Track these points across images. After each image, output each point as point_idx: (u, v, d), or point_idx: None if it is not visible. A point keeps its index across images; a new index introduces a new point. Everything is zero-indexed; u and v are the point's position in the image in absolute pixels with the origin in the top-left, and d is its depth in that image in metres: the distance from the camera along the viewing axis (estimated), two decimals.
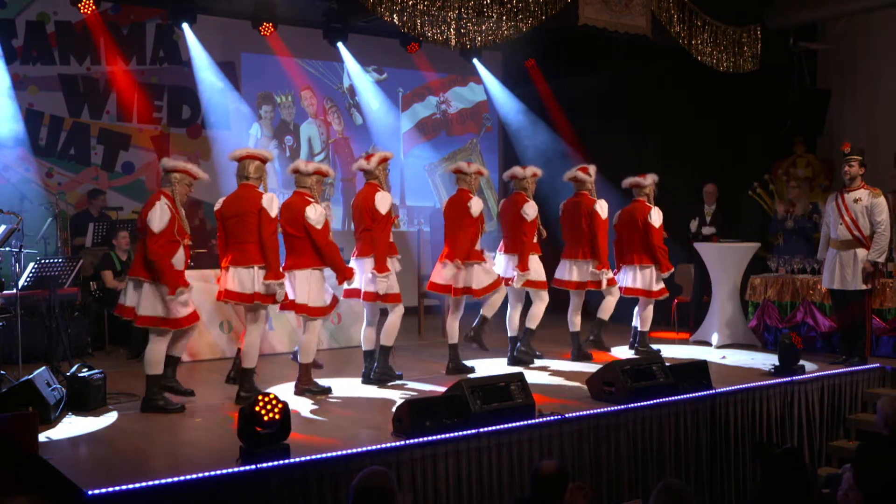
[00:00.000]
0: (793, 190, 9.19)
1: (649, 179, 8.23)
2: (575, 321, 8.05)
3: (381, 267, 6.66)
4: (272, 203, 6.16)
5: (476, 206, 7.25)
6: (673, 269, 8.21)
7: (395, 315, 6.88)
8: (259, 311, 6.30)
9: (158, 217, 5.87)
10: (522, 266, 7.52)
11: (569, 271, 8.00)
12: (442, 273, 7.36)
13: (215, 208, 6.44)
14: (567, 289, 8.04)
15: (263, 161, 6.36)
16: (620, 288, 8.24)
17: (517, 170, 7.88)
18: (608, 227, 7.95)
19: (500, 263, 7.82)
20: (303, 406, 6.17)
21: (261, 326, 6.37)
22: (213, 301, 6.72)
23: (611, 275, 7.94)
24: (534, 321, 7.79)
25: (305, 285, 6.41)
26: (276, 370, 7.49)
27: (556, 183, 8.70)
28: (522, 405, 5.57)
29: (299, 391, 6.54)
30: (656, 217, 8.04)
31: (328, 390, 6.60)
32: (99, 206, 9.61)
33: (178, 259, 6.00)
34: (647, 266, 8.08)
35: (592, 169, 8.06)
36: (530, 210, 7.59)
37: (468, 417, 5.28)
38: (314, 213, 6.37)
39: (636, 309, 8.32)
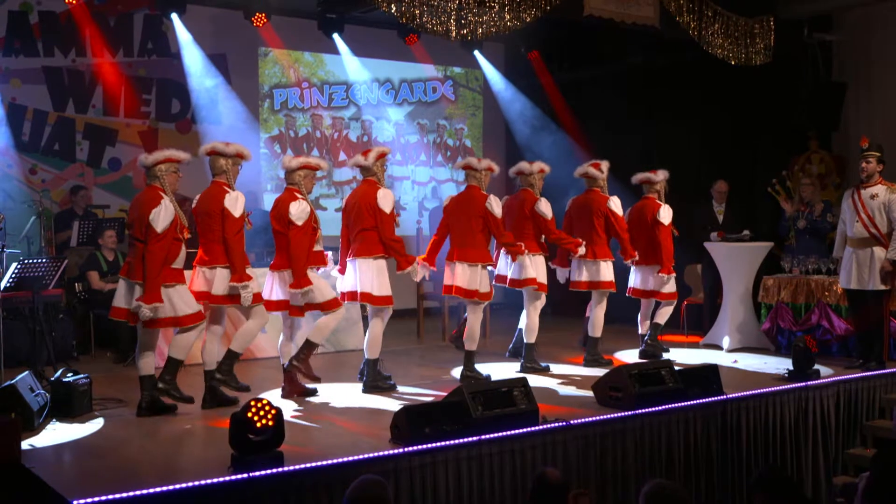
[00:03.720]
0: (806, 188, 9.17)
1: (660, 176, 8.20)
2: (596, 323, 7.91)
3: (404, 260, 6.70)
4: (236, 202, 6.16)
5: (497, 206, 7.19)
6: (674, 274, 8.15)
7: (378, 325, 6.82)
8: (221, 313, 6.36)
9: (163, 216, 5.85)
10: (562, 263, 7.71)
11: (581, 272, 7.93)
12: (465, 277, 7.23)
13: (192, 205, 6.46)
14: (580, 290, 8.01)
15: (228, 157, 6.32)
16: (630, 289, 8.22)
17: (524, 165, 7.82)
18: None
19: (503, 264, 7.78)
20: (296, 413, 6.17)
21: (259, 318, 6.43)
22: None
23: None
24: (531, 335, 7.66)
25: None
26: (268, 374, 7.48)
27: (561, 180, 8.69)
28: (526, 411, 5.56)
29: (287, 394, 6.58)
30: (666, 214, 8.02)
31: (318, 380, 6.70)
32: (83, 203, 9.60)
33: (180, 258, 6.03)
34: (659, 266, 8.07)
35: (605, 165, 8.02)
36: (546, 208, 7.53)
37: (469, 424, 5.27)
38: (296, 209, 6.38)
39: (640, 313, 8.29)
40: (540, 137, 11.76)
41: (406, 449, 5.00)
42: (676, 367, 6.52)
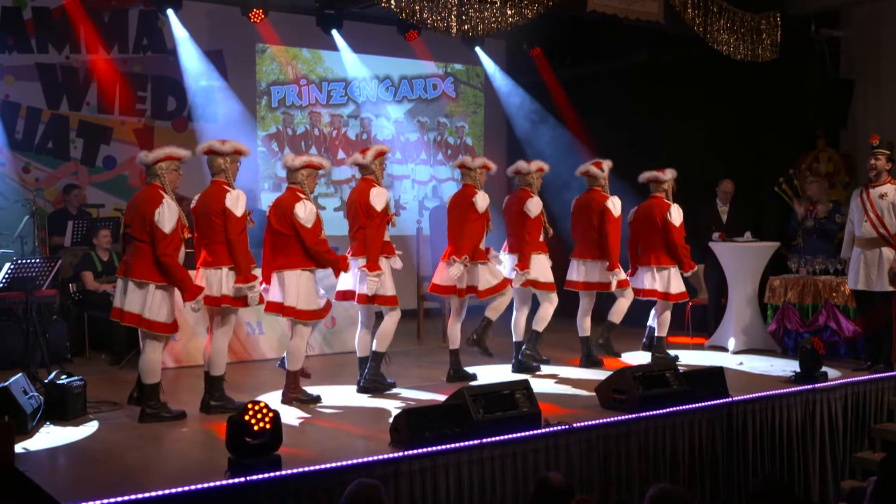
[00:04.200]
0: (811, 186, 9.16)
1: (668, 174, 8.16)
2: (584, 325, 8.05)
3: (372, 265, 6.64)
4: (237, 202, 6.14)
5: (482, 201, 7.24)
6: (696, 268, 8.16)
7: (391, 320, 6.87)
8: (228, 315, 6.28)
9: (168, 216, 5.86)
10: (522, 264, 7.52)
11: (577, 272, 8.01)
12: (444, 273, 7.36)
13: (191, 205, 6.45)
14: (576, 290, 8.04)
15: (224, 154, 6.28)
16: (636, 290, 8.22)
17: (522, 164, 7.86)
18: (621, 226, 7.92)
19: (505, 263, 7.80)
20: (294, 415, 6.17)
21: (228, 331, 6.35)
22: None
23: (623, 276, 7.92)
24: (541, 323, 7.80)
25: (294, 287, 6.42)
26: (266, 377, 7.49)
27: (562, 178, 8.67)
28: (528, 414, 5.57)
29: (287, 400, 6.54)
30: (676, 214, 7.99)
31: (318, 399, 6.61)
32: (76, 202, 9.58)
33: (179, 258, 6.04)
34: (666, 267, 8.04)
35: (607, 164, 8.04)
36: (533, 206, 7.58)
37: (470, 427, 5.28)
38: (303, 211, 6.37)
39: (652, 311, 8.30)
40: (542, 135, 11.77)
41: (406, 452, 5.00)
42: (681, 369, 6.53)
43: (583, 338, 8.07)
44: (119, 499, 4.26)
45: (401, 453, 4.99)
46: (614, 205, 7.83)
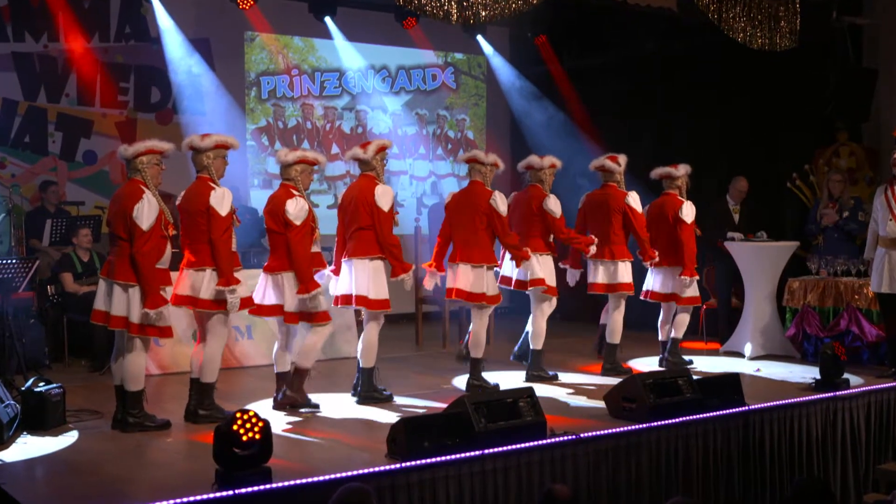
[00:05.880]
0: (836, 184, 9.12)
1: (682, 170, 8.16)
2: (615, 329, 7.94)
3: (399, 266, 6.65)
4: (222, 200, 6.13)
5: (503, 203, 7.19)
6: (698, 277, 8.12)
7: (374, 330, 6.84)
8: (213, 319, 6.28)
9: (147, 213, 5.86)
10: (574, 264, 7.77)
11: (594, 273, 7.96)
12: (468, 278, 7.21)
13: (177, 202, 6.45)
14: (597, 293, 8.00)
15: (199, 151, 6.26)
16: (645, 291, 8.22)
17: (534, 159, 7.81)
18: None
19: (508, 264, 7.78)
20: (285, 425, 6.18)
21: (223, 336, 6.35)
22: (185, 309, 6.65)
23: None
24: (538, 340, 7.68)
25: (293, 289, 6.41)
26: (255, 384, 7.49)
27: (569, 173, 8.66)
28: (532, 423, 5.57)
29: (287, 400, 6.54)
30: (688, 212, 7.98)
31: (316, 407, 6.61)
32: (53, 199, 9.57)
33: (165, 257, 6.04)
34: (679, 268, 8.05)
35: (622, 158, 8.01)
36: (555, 206, 7.53)
37: (471, 437, 5.28)
38: (294, 207, 6.36)
39: (660, 318, 8.29)
40: (547, 127, 11.76)
41: (404, 464, 5.00)
42: (695, 376, 6.53)
43: (610, 345, 7.98)
44: None
45: (398, 465, 5.00)
46: (635, 201, 7.82)
